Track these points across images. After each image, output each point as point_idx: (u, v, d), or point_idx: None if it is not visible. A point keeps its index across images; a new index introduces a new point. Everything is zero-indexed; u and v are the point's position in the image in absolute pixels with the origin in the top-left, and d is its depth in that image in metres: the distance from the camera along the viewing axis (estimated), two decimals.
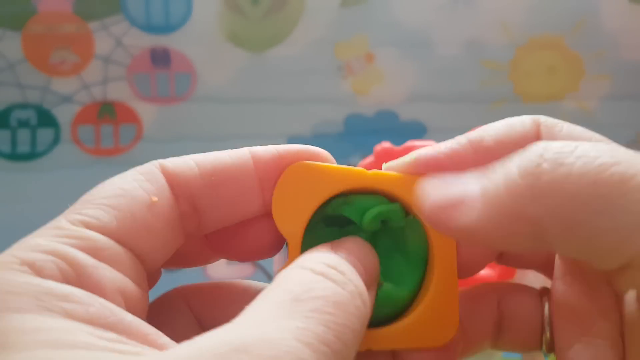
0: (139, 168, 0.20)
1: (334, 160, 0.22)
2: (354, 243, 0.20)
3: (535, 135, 0.21)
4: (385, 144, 0.45)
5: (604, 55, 0.66)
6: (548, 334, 0.22)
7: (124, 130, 0.64)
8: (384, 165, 0.22)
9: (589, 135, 0.21)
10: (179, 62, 0.64)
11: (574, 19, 0.66)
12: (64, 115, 0.63)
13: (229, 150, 0.21)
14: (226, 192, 0.20)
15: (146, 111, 0.64)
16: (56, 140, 0.63)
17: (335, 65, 0.65)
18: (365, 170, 0.21)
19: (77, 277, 0.17)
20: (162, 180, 0.20)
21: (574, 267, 0.22)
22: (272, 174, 0.21)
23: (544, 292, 0.23)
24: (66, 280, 0.17)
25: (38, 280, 0.16)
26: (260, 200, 0.21)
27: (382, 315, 0.21)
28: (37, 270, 0.16)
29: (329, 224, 0.22)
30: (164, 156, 0.21)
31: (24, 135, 0.63)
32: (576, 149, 0.17)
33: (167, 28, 0.63)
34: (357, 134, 0.65)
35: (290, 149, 0.21)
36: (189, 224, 0.20)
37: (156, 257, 0.19)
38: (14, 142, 0.63)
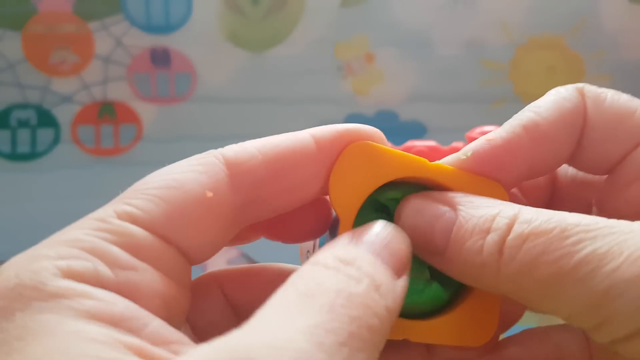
0: (199, 157, 0.19)
1: (387, 142, 0.21)
2: (382, 227, 0.19)
3: (583, 110, 0.21)
4: None
5: (604, 55, 0.66)
6: None
7: (124, 130, 0.64)
8: (438, 162, 0.21)
9: (634, 104, 0.21)
10: (179, 62, 0.64)
11: (574, 19, 0.66)
12: (64, 115, 0.63)
13: (290, 134, 0.20)
14: (290, 179, 0.19)
15: (146, 111, 0.64)
16: (56, 140, 0.63)
17: (335, 65, 0.65)
18: (426, 160, 0.21)
19: (114, 278, 0.16)
20: (221, 172, 0.19)
21: None
22: (332, 157, 0.20)
23: None
24: (100, 280, 0.16)
25: (66, 280, 0.16)
26: (320, 185, 0.20)
27: (423, 309, 0.21)
28: (70, 268, 0.16)
29: (378, 209, 0.21)
30: (164, 156, 0.20)
31: (24, 135, 0.63)
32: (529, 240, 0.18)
33: (167, 28, 0.63)
34: None
35: (349, 128, 0.20)
36: (248, 214, 0.19)
37: (203, 253, 0.19)
38: (14, 142, 0.63)
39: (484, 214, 0.19)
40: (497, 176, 0.21)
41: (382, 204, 0.21)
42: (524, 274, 0.18)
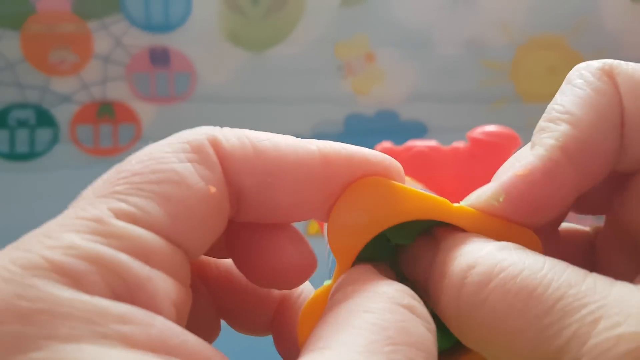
0: (191, 141, 0.17)
1: (404, 177, 0.19)
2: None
3: (619, 101, 0.17)
4: (386, 144, 0.45)
5: (605, 54, 0.66)
6: None
7: (123, 130, 0.64)
8: (463, 202, 0.19)
9: None
10: (178, 61, 0.64)
11: (575, 19, 0.66)
12: (63, 115, 0.63)
13: (297, 143, 0.17)
14: (281, 194, 0.17)
15: (145, 111, 0.64)
16: (55, 140, 0.63)
17: (335, 65, 0.65)
18: (448, 202, 0.18)
19: (129, 292, 0.14)
20: (217, 163, 0.17)
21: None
22: (338, 184, 0.18)
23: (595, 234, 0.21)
24: (116, 295, 0.14)
25: (86, 297, 0.13)
26: (317, 207, 0.18)
27: None
28: (81, 283, 0.13)
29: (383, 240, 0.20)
30: None
31: (22, 135, 0.63)
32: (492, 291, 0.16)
33: (167, 27, 0.63)
34: (357, 134, 0.65)
35: (365, 156, 0.18)
36: (233, 211, 0.18)
37: (202, 251, 0.17)
38: (12, 142, 0.63)
39: (447, 259, 0.17)
40: (535, 220, 0.18)
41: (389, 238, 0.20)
42: (483, 339, 0.16)
